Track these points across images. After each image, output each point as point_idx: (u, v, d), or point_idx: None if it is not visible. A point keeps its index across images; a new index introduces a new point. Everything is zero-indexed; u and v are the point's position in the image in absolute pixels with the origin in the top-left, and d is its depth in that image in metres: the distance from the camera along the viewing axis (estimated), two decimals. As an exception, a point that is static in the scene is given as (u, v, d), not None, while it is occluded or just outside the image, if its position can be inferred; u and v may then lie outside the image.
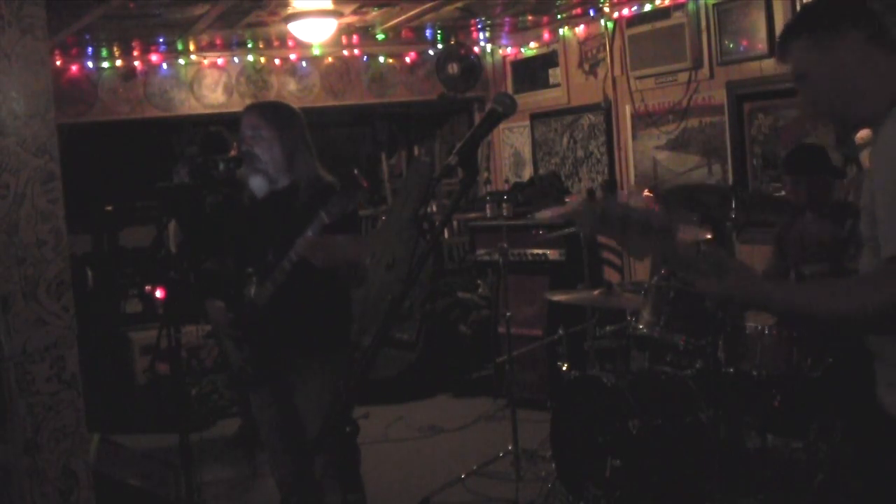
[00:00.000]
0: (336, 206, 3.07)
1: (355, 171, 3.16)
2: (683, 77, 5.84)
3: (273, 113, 3.40)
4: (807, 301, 1.91)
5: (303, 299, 3.28)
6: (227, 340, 3.49)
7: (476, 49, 7.43)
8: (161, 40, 6.39)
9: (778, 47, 2.11)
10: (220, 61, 6.77)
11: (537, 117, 7.25)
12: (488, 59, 7.60)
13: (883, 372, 2.00)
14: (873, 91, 1.99)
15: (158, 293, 6.51)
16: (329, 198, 3.09)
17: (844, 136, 2.22)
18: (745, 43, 5.41)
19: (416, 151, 8.67)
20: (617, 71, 6.40)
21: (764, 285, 1.96)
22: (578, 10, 6.49)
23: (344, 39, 6.98)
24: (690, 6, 5.68)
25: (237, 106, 6.38)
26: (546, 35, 7.07)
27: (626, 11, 6.20)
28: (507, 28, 7.26)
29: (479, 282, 6.93)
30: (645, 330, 4.10)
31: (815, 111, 2.11)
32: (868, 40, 1.99)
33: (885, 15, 2.04)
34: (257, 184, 3.38)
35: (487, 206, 6.69)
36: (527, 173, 7.39)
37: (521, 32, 7.30)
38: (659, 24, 5.90)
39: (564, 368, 4.72)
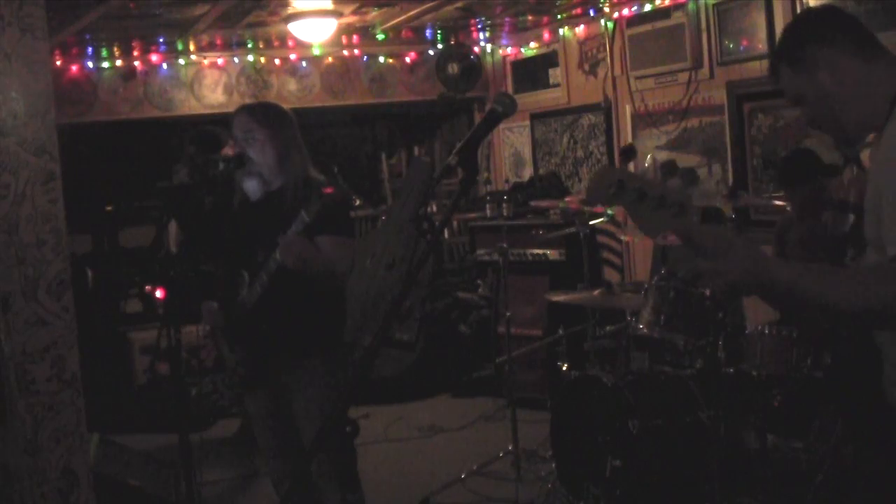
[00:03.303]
0: (315, 204, 3.04)
1: (335, 169, 3.11)
2: (683, 77, 5.84)
3: (264, 114, 3.38)
4: (822, 288, 1.81)
5: (293, 300, 3.27)
6: (223, 342, 3.50)
7: (476, 49, 7.43)
8: (161, 40, 6.39)
9: (770, 75, 2.17)
10: (220, 61, 6.77)
11: (537, 117, 7.25)
12: (488, 59, 7.60)
13: (890, 369, 2.00)
14: (864, 99, 2.00)
15: (158, 293, 6.50)
16: (311, 197, 3.07)
17: (848, 146, 2.23)
18: (745, 43, 5.41)
19: (416, 151, 8.67)
20: (617, 71, 6.40)
21: (776, 265, 1.81)
22: (578, 10, 6.49)
23: (344, 39, 6.98)
24: (690, 6, 5.68)
25: (237, 106, 6.36)
26: (546, 35, 7.07)
27: (626, 11, 6.20)
28: (507, 28, 7.26)
29: (479, 282, 6.93)
30: (645, 330, 4.09)
31: (815, 126, 2.16)
32: (844, 52, 2.02)
33: (857, 21, 2.06)
34: (252, 187, 3.37)
35: (487, 206, 6.69)
36: (527, 173, 7.39)
37: (521, 32, 7.30)
38: (659, 24, 5.90)
39: (564, 368, 4.72)
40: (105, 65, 6.49)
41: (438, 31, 7.16)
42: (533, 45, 7.23)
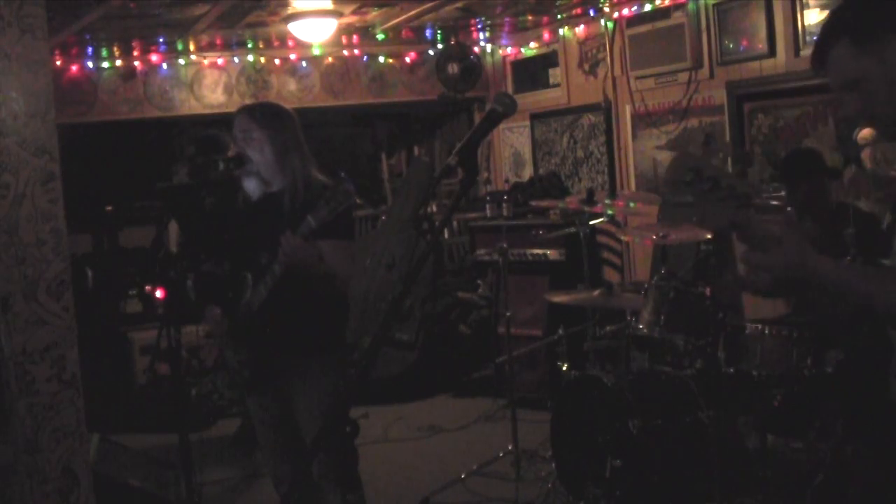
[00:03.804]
0: (323, 209, 3.02)
1: (342, 174, 3.08)
2: (683, 77, 5.84)
3: (263, 114, 3.37)
4: (868, 287, 1.79)
5: (297, 301, 3.27)
6: (224, 343, 3.49)
7: (476, 49, 7.43)
8: (161, 40, 6.39)
9: (815, 56, 2.03)
10: (220, 61, 6.77)
11: (537, 117, 7.25)
12: (488, 59, 7.60)
13: None
14: None
15: (158, 293, 6.51)
16: (318, 201, 3.05)
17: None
18: (745, 43, 5.41)
19: (416, 151, 8.67)
20: (617, 71, 6.40)
21: (823, 261, 1.79)
22: (578, 10, 6.49)
23: (344, 39, 6.98)
24: (690, 6, 5.68)
25: (237, 106, 6.34)
26: (546, 35, 7.07)
27: (626, 11, 6.20)
28: (507, 28, 7.26)
29: (479, 282, 6.93)
30: (645, 330, 4.09)
31: (866, 115, 2.05)
32: None
33: None
34: (251, 186, 3.36)
35: (487, 206, 6.69)
36: (527, 173, 7.39)
37: (521, 32, 7.30)
38: (659, 24, 5.90)
39: (564, 368, 4.72)
40: (105, 65, 6.49)
41: (438, 31, 7.16)
42: (533, 45, 7.23)
